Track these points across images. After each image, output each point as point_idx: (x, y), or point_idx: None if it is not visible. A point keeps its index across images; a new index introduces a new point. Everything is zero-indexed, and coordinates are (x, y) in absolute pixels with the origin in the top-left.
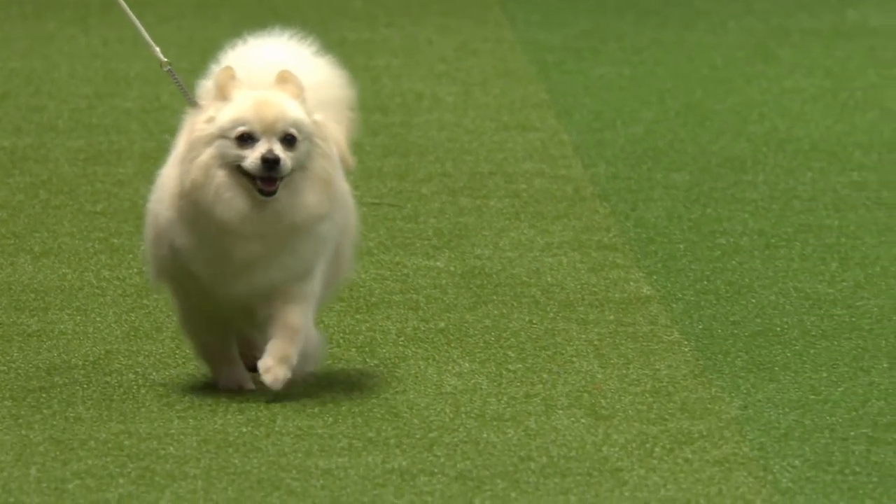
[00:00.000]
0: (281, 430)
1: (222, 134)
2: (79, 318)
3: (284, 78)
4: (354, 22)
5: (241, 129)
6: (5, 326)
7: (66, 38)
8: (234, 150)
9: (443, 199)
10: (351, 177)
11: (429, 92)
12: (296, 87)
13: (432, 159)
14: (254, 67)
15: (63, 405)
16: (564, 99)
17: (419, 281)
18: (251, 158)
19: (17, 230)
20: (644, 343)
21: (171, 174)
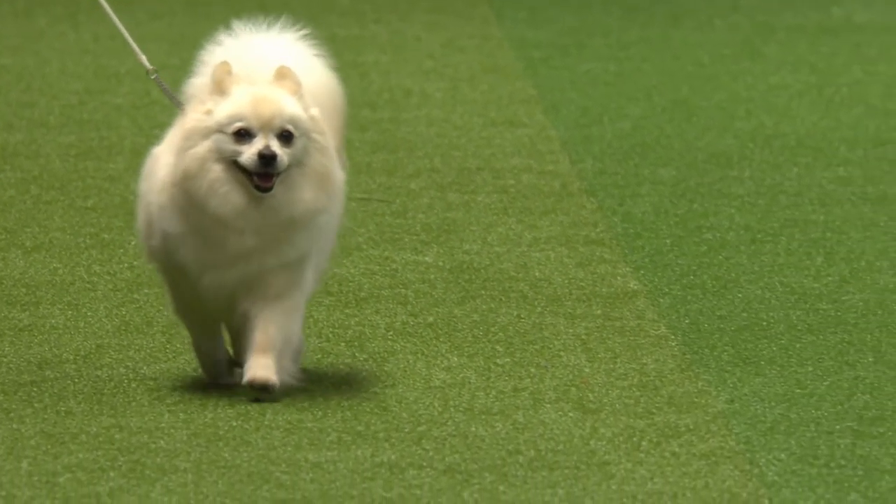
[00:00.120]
0: (271, 423)
1: (219, 129)
2: (70, 312)
3: (283, 74)
4: (343, 18)
5: (238, 124)
6: None
7: (56, 34)
8: (230, 146)
9: (431, 195)
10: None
11: (417, 88)
12: (294, 84)
13: (421, 155)
14: (249, 61)
15: (54, 399)
16: (552, 95)
17: (408, 276)
18: (248, 154)
19: (8, 225)
20: (631, 337)
21: (167, 161)
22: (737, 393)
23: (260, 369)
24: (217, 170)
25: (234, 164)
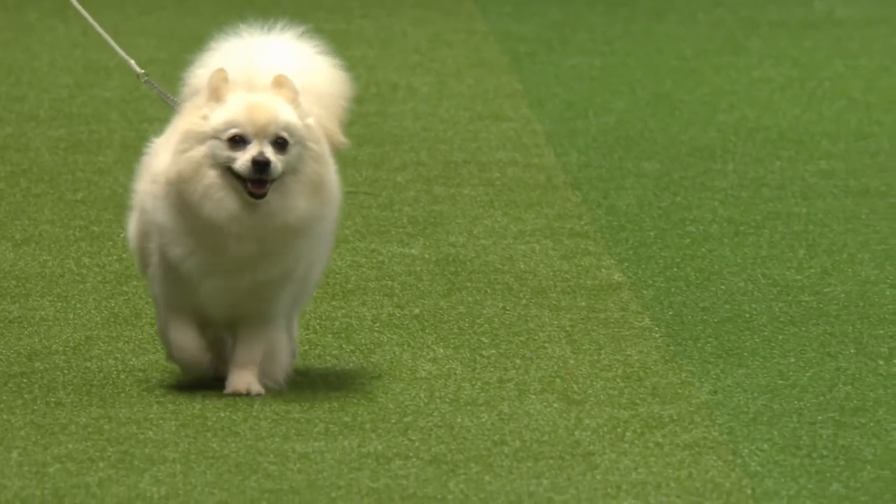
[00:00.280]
0: (258, 414)
1: (215, 135)
2: (59, 304)
3: (280, 82)
4: (330, 13)
5: (233, 130)
6: None
7: (46, 28)
8: (225, 152)
9: (417, 188)
10: None
11: (403, 82)
12: (291, 92)
13: (407, 148)
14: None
15: (44, 390)
16: (537, 89)
17: (394, 268)
18: (242, 160)
19: None
20: (615, 329)
21: (164, 157)
22: (720, 384)
23: (241, 384)
24: (212, 175)
25: (228, 171)
